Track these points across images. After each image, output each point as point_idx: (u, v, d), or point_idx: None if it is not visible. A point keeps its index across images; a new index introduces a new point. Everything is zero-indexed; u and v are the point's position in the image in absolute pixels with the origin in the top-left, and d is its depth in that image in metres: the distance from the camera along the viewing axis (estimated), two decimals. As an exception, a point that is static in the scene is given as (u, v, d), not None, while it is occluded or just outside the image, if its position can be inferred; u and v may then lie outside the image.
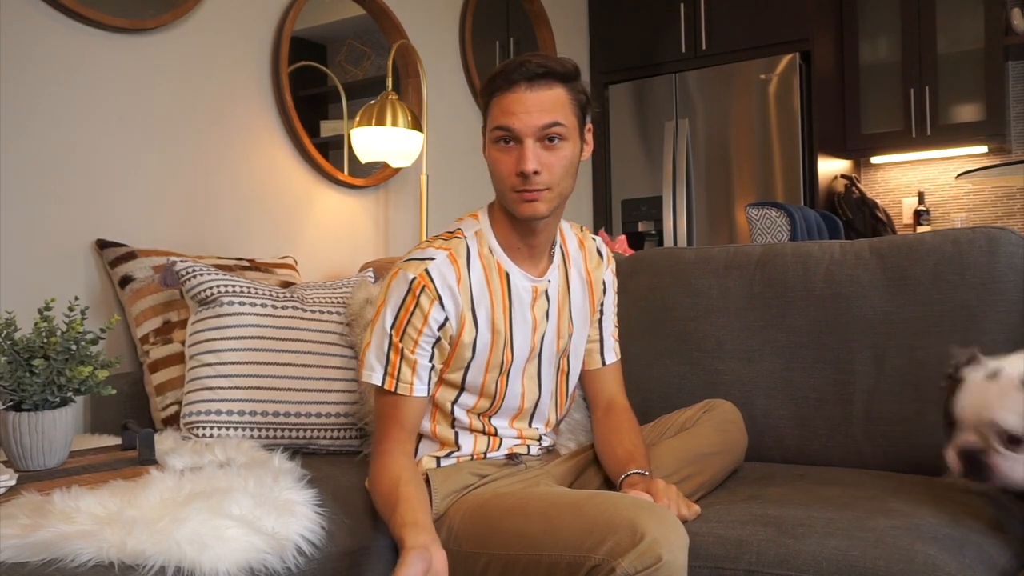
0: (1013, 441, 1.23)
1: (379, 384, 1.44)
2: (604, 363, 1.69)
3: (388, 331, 1.44)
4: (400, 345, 1.43)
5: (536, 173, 1.39)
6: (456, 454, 1.53)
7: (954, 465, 1.29)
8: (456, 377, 1.50)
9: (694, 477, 1.55)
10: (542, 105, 1.39)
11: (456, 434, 1.53)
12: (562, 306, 1.58)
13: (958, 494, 1.45)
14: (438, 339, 1.45)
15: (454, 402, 1.52)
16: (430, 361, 1.45)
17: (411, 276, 1.43)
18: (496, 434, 1.55)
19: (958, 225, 4.06)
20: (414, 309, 1.43)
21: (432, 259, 1.45)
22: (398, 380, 1.44)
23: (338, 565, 1.37)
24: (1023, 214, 4.00)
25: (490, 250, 1.51)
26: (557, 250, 1.59)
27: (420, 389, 1.45)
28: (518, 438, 1.58)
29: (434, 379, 1.48)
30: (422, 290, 1.42)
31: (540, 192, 1.41)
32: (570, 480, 1.61)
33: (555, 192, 1.43)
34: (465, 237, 1.51)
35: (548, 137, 1.40)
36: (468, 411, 1.53)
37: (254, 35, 2.51)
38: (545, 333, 1.56)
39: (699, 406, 1.73)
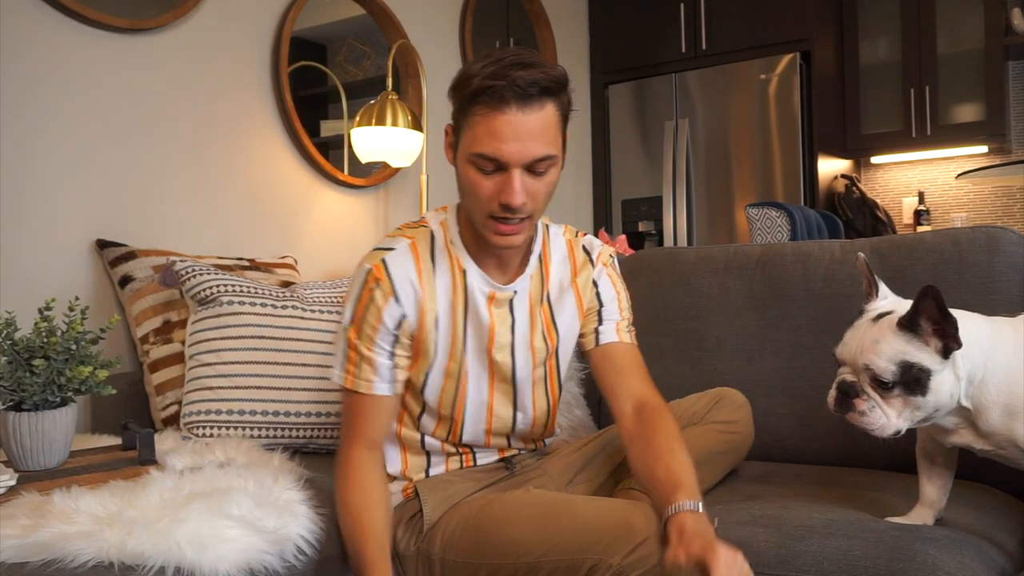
0: (881, 385, 1.21)
1: (339, 383, 1.39)
2: (598, 343, 1.48)
3: (346, 329, 1.37)
4: (357, 343, 1.36)
5: (515, 207, 1.27)
6: (442, 468, 1.51)
7: (831, 400, 1.27)
8: (418, 384, 1.42)
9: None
10: (534, 133, 1.25)
11: (429, 460, 1.49)
12: (535, 318, 1.45)
13: (958, 495, 1.45)
14: (396, 337, 1.37)
15: (420, 432, 1.48)
16: (391, 359, 1.38)
17: (367, 267, 1.36)
18: (471, 450, 1.51)
19: (958, 225, 4.06)
20: (369, 305, 1.35)
21: (392, 249, 1.37)
22: (358, 378, 1.37)
23: (338, 565, 1.37)
24: (1023, 214, 4.00)
25: (451, 242, 1.42)
26: (534, 259, 1.46)
27: (382, 387, 1.37)
28: (495, 452, 1.54)
29: (400, 377, 1.40)
30: (377, 284, 1.35)
31: (520, 223, 1.31)
32: (571, 476, 1.57)
33: (534, 220, 1.35)
34: (430, 226, 1.43)
35: (536, 171, 1.28)
36: (432, 435, 1.48)
37: (254, 35, 2.51)
38: (515, 348, 1.43)
39: (711, 396, 1.68)
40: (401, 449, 1.51)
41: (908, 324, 1.21)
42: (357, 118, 2.60)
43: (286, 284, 2.13)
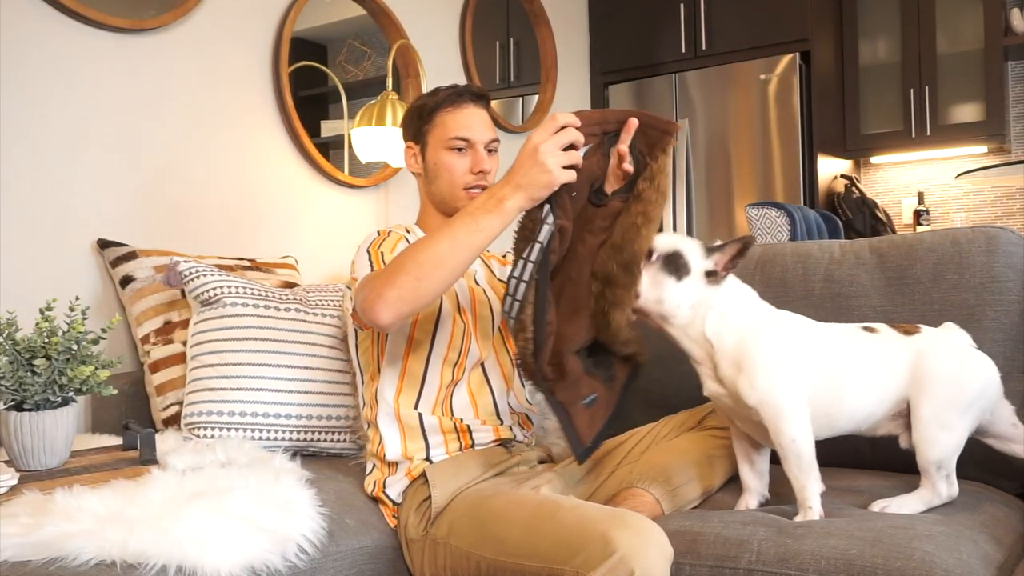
0: (649, 256, 1.39)
1: (367, 272, 1.49)
2: None
3: (367, 251, 1.55)
4: (380, 251, 1.55)
5: (487, 172, 1.65)
6: (443, 451, 1.55)
7: None
8: (424, 340, 1.56)
9: (696, 480, 1.55)
10: (487, 122, 1.67)
11: (428, 443, 1.54)
12: (493, 283, 1.73)
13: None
14: None
15: (418, 409, 1.55)
16: None
17: (376, 231, 1.63)
18: (468, 431, 1.56)
19: (958, 225, 4.06)
20: (387, 237, 1.60)
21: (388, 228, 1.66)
22: (384, 263, 1.50)
23: (339, 565, 1.37)
24: (1023, 214, 4.00)
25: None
26: None
27: None
28: (490, 430, 1.58)
29: None
30: (389, 232, 1.62)
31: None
32: (580, 475, 1.63)
33: None
34: (400, 226, 1.70)
35: (491, 148, 1.67)
36: (436, 393, 1.56)
37: (254, 35, 2.51)
38: (491, 302, 1.67)
39: (705, 408, 1.71)
40: (400, 433, 1.55)
41: (711, 247, 1.42)
42: (357, 118, 2.60)
43: (287, 284, 2.14)
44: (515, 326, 1.35)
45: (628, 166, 1.36)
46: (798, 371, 1.40)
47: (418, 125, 1.68)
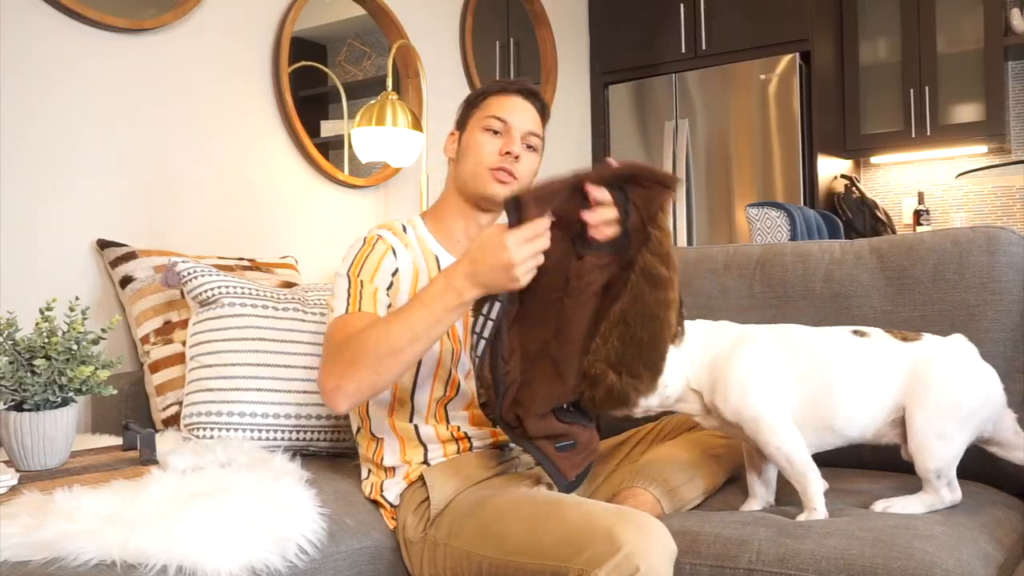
0: None
1: (342, 312, 1.46)
2: None
3: (346, 275, 1.51)
4: (359, 279, 1.51)
5: (517, 159, 1.59)
6: (440, 454, 1.54)
7: None
8: (410, 372, 1.53)
9: (697, 480, 1.55)
10: (530, 115, 1.64)
11: (426, 449, 1.54)
12: None
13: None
14: (391, 284, 1.53)
15: (413, 421, 1.55)
16: (386, 297, 1.51)
17: (365, 236, 1.59)
18: (466, 437, 1.56)
19: (958, 225, 4.06)
20: (370, 253, 1.55)
21: (380, 229, 1.61)
22: (361, 301, 1.47)
23: (339, 565, 1.37)
24: (1023, 214, 4.00)
25: (421, 238, 1.64)
26: None
27: (382, 312, 1.49)
28: (488, 433, 1.58)
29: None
30: (376, 241, 1.57)
31: (512, 179, 1.59)
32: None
33: (517, 183, 1.60)
34: (400, 221, 1.67)
35: (528, 144, 1.63)
36: (427, 407, 1.55)
37: (254, 35, 2.51)
38: None
39: None
40: (399, 441, 1.54)
41: None
42: (357, 118, 2.60)
43: (287, 284, 2.14)
44: (476, 377, 1.36)
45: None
46: (772, 380, 1.40)
47: (465, 111, 1.67)
